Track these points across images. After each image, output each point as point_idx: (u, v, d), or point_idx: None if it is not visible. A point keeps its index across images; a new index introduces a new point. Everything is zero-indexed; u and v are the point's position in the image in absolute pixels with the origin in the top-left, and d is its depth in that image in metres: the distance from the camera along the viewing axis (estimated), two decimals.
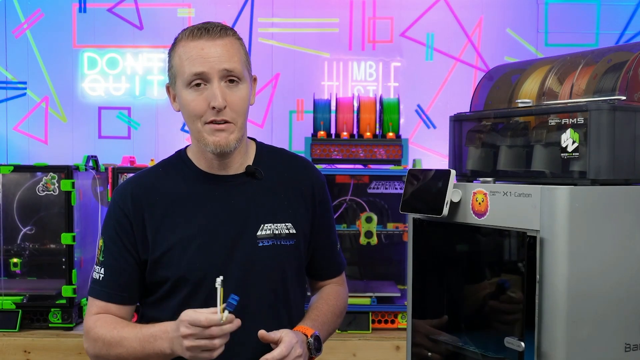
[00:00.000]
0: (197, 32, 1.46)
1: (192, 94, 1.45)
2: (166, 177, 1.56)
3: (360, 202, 3.16)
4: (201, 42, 1.45)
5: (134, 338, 1.44)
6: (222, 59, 1.45)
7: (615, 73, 1.46)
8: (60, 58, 3.65)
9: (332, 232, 1.70)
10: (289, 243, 1.55)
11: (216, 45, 1.45)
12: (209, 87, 1.44)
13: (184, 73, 1.46)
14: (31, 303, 2.87)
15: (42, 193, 2.94)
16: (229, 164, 1.54)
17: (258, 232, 1.52)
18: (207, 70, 1.44)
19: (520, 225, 1.35)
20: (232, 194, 1.53)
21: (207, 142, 1.46)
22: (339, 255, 1.73)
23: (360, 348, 2.73)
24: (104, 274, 1.52)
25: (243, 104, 1.48)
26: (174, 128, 3.63)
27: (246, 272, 1.50)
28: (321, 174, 1.68)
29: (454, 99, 3.59)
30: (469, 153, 1.68)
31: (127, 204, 1.51)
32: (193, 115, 1.46)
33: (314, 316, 1.60)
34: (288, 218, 1.55)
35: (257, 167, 1.56)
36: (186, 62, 1.45)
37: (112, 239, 1.52)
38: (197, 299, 1.48)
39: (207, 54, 1.44)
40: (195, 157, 1.56)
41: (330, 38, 3.64)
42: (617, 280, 1.35)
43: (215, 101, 1.43)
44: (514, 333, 1.37)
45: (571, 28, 3.56)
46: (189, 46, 1.46)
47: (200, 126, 1.46)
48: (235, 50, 1.48)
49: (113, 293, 1.52)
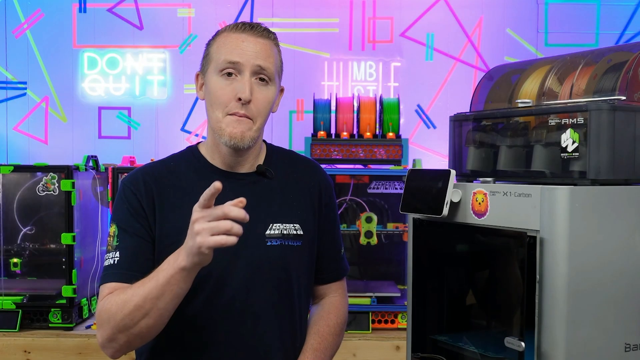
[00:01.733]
0: (242, 26, 1.50)
1: (222, 82, 1.47)
2: (177, 169, 1.55)
3: (360, 202, 3.16)
4: (243, 35, 1.49)
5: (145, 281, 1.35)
6: (259, 55, 1.48)
7: (615, 73, 1.46)
8: (60, 58, 3.65)
9: (336, 236, 1.69)
10: (296, 244, 1.54)
11: (256, 42, 1.49)
12: (239, 79, 1.47)
13: (219, 59, 1.48)
14: (31, 303, 2.87)
15: (42, 193, 2.93)
16: (242, 162, 1.54)
17: (267, 231, 1.52)
18: (242, 61, 1.47)
19: (520, 225, 1.35)
20: (242, 192, 1.50)
21: (223, 133, 1.47)
22: (342, 260, 1.71)
23: (360, 348, 2.73)
24: (119, 257, 1.45)
25: (267, 105, 1.50)
26: (174, 128, 3.63)
27: (252, 270, 1.50)
28: (329, 176, 1.69)
29: (454, 99, 3.59)
30: (469, 153, 1.68)
31: (140, 187, 1.50)
32: (217, 102, 1.47)
33: (316, 344, 1.57)
34: (296, 219, 1.55)
35: (267, 167, 1.56)
36: (223, 49, 1.49)
37: (126, 221, 1.48)
38: (199, 296, 1.48)
39: (245, 47, 1.48)
40: (208, 153, 1.56)
41: (330, 38, 3.64)
42: (617, 280, 1.35)
43: (243, 93, 1.45)
44: (514, 333, 1.37)
45: (571, 28, 3.56)
46: (231, 37, 1.50)
47: (221, 116, 1.47)
48: (272, 53, 1.52)
49: (128, 274, 1.44)
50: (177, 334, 1.46)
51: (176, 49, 3.63)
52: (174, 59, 3.63)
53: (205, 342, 1.48)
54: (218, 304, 1.47)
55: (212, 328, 1.48)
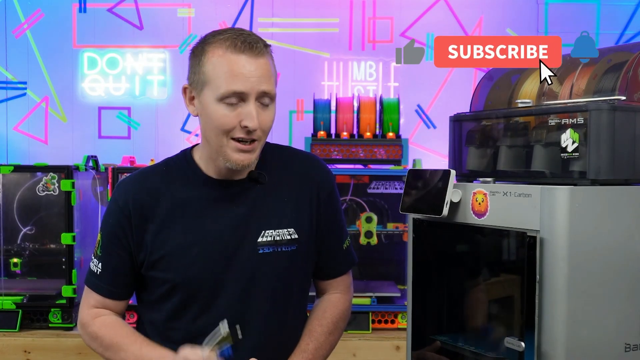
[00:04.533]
0: (240, 46, 1.40)
1: (225, 109, 1.40)
2: (169, 179, 1.53)
3: (360, 202, 3.16)
4: (243, 58, 1.39)
5: (132, 356, 1.46)
6: (262, 80, 1.41)
7: (615, 73, 1.46)
8: (60, 58, 3.64)
9: (338, 230, 1.65)
10: (290, 249, 1.52)
11: (258, 65, 1.40)
12: (243, 105, 1.40)
13: (219, 87, 1.40)
14: (31, 303, 2.87)
15: (42, 193, 2.93)
16: (238, 174, 1.52)
17: (259, 238, 1.50)
18: (247, 90, 1.39)
19: (520, 225, 1.35)
20: (235, 200, 1.51)
21: (230, 159, 1.43)
22: (347, 255, 1.68)
23: (360, 348, 2.73)
24: (101, 269, 1.54)
25: (271, 123, 1.46)
26: (174, 128, 3.63)
27: (245, 280, 1.48)
28: (328, 170, 1.65)
29: (454, 99, 3.58)
30: (469, 153, 1.68)
31: (128, 205, 1.50)
32: (222, 130, 1.42)
33: (304, 345, 1.57)
34: (291, 223, 1.53)
35: (260, 171, 1.53)
36: (224, 76, 1.39)
37: (110, 237, 1.53)
38: (192, 306, 1.48)
39: (248, 73, 1.39)
40: (202, 161, 1.53)
41: (330, 38, 3.64)
42: (617, 280, 1.35)
43: (252, 122, 1.39)
44: (514, 333, 1.37)
45: (571, 28, 3.56)
46: (230, 59, 1.40)
47: (226, 141, 1.43)
48: (272, 71, 1.45)
49: (111, 289, 1.54)
50: (170, 346, 1.46)
51: (176, 49, 3.63)
52: (174, 59, 3.63)
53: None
54: (212, 315, 1.46)
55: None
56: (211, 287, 1.47)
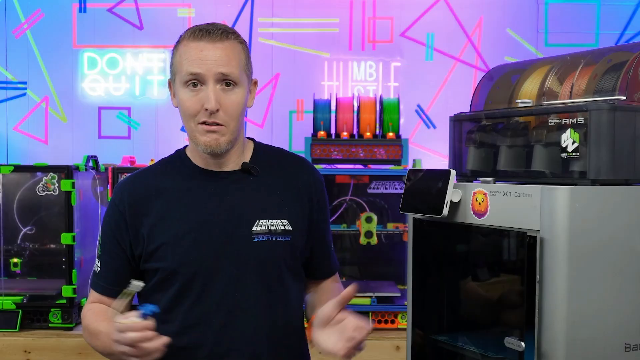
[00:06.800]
0: (198, 33, 1.49)
1: (188, 93, 1.49)
2: (163, 174, 1.59)
3: (360, 202, 3.16)
4: (201, 44, 1.48)
5: (105, 334, 1.47)
6: (220, 62, 1.47)
7: (615, 73, 1.46)
8: (60, 58, 3.64)
9: (328, 233, 1.70)
10: (284, 239, 1.54)
11: (216, 48, 1.48)
12: (204, 89, 1.47)
13: (182, 71, 1.49)
14: (31, 303, 2.87)
15: (42, 193, 2.93)
16: (225, 163, 1.56)
17: (253, 227, 1.52)
18: (203, 72, 1.46)
19: (520, 225, 1.35)
20: (228, 190, 1.55)
21: (199, 142, 1.50)
22: (332, 257, 1.72)
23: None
24: (100, 267, 1.59)
25: (237, 108, 1.50)
26: (174, 128, 3.63)
27: (240, 267, 1.51)
28: (319, 174, 1.68)
29: (454, 99, 3.58)
30: (469, 153, 1.68)
31: (124, 202, 1.55)
32: (187, 114, 1.50)
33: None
34: (284, 215, 1.55)
35: (252, 164, 1.57)
36: (185, 62, 1.49)
37: (107, 236, 1.58)
38: (189, 294, 1.49)
39: (205, 56, 1.47)
40: (192, 154, 1.59)
41: (330, 38, 3.64)
42: (617, 280, 1.35)
43: (209, 104, 1.45)
44: (514, 333, 1.37)
45: (571, 28, 3.56)
46: (190, 46, 1.49)
47: (194, 125, 1.50)
48: (234, 54, 1.50)
49: (107, 287, 1.57)
50: (168, 334, 1.46)
51: None
52: None
53: (195, 341, 1.49)
54: (207, 302, 1.49)
55: (203, 326, 1.49)
56: (206, 275, 1.49)
